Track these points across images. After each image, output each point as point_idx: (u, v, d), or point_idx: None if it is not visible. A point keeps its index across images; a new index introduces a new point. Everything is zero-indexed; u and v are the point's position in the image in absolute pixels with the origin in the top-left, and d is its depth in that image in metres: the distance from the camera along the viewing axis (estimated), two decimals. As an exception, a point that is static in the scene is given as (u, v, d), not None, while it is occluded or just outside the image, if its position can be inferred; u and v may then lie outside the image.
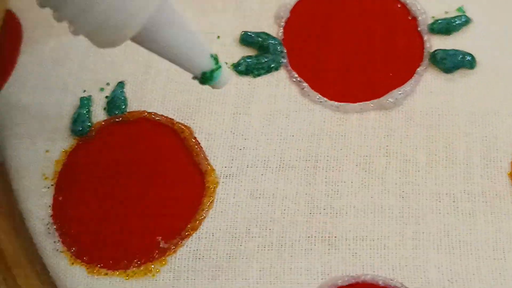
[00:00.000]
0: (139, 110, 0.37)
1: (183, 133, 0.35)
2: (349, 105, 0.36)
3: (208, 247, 0.33)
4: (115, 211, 0.34)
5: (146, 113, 0.36)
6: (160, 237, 0.33)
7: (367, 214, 0.33)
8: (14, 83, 0.38)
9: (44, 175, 0.35)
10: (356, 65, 0.37)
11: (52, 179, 0.35)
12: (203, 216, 0.33)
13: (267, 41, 0.38)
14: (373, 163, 0.34)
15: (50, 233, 0.34)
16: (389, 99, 0.36)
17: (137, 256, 0.33)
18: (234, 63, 0.38)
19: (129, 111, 0.37)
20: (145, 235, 0.33)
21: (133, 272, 0.32)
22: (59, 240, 0.34)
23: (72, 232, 0.34)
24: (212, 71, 0.29)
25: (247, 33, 0.38)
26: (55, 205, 0.34)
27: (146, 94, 0.37)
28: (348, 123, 0.35)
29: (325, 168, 0.34)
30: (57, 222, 0.34)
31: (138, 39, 0.27)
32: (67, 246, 0.33)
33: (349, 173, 0.34)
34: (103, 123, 0.37)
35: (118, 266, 0.33)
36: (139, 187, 0.34)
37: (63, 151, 0.36)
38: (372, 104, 0.36)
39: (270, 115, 0.36)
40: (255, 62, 0.37)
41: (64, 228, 0.34)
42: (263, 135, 0.35)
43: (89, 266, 0.33)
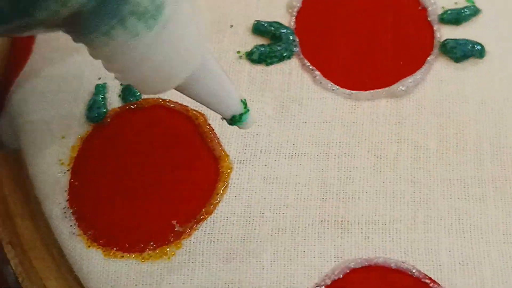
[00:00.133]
0: (153, 97, 0.37)
1: (197, 120, 0.36)
2: (361, 93, 0.36)
3: (222, 230, 0.33)
4: (130, 195, 0.34)
5: (161, 100, 0.37)
6: (175, 221, 0.33)
7: (379, 199, 0.33)
8: (30, 70, 0.39)
9: (60, 160, 0.36)
10: (368, 54, 0.37)
11: (68, 165, 0.36)
12: (217, 201, 0.34)
13: (279, 30, 0.38)
14: (384, 149, 0.35)
15: (66, 217, 0.34)
16: (400, 87, 0.36)
17: (152, 239, 0.33)
18: (247, 51, 0.38)
19: (144, 98, 0.37)
20: (161, 219, 0.34)
21: (148, 255, 0.33)
22: (75, 224, 0.34)
23: (88, 216, 0.34)
24: (241, 115, 0.31)
25: (260, 22, 0.39)
26: (71, 189, 0.35)
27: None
28: (360, 110, 0.36)
29: (337, 154, 0.35)
30: (74, 206, 0.34)
31: (178, 88, 0.29)
32: (84, 229, 0.34)
33: (361, 159, 0.34)
34: (118, 109, 0.37)
35: (134, 249, 0.33)
36: (154, 172, 0.35)
37: (79, 137, 0.36)
38: (383, 92, 0.36)
39: (283, 102, 0.36)
40: (268, 51, 0.38)
41: (80, 212, 0.34)
42: (276, 122, 0.36)
43: (105, 249, 0.33)
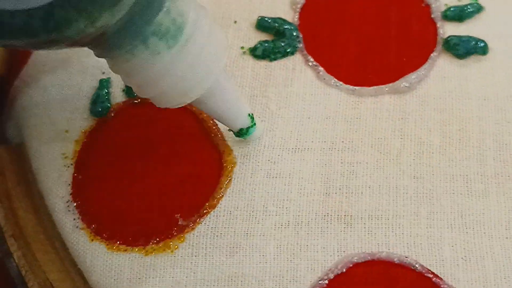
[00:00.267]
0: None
1: (201, 115, 0.36)
2: (364, 89, 0.36)
3: (226, 224, 0.33)
4: (134, 189, 0.34)
5: (165, 95, 0.37)
6: (179, 215, 0.33)
7: (382, 194, 0.33)
8: (33, 64, 0.39)
9: (64, 154, 0.36)
10: (371, 50, 0.38)
11: (72, 158, 0.36)
12: (221, 195, 0.34)
13: (283, 26, 0.38)
14: (387, 145, 0.35)
15: (69, 210, 0.34)
16: (403, 83, 0.36)
17: (156, 233, 0.33)
18: (250, 47, 0.38)
19: (147, 92, 0.37)
20: (164, 212, 0.34)
21: (152, 248, 0.33)
22: (78, 217, 0.34)
23: (92, 209, 0.34)
24: (248, 128, 0.33)
25: (264, 18, 0.39)
26: (74, 183, 0.35)
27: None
28: (363, 106, 0.36)
29: (340, 149, 0.35)
30: (77, 200, 0.34)
31: (191, 102, 0.30)
32: (87, 223, 0.34)
33: (364, 154, 0.35)
34: (122, 104, 0.37)
35: (137, 243, 0.33)
36: (157, 166, 0.35)
37: (83, 131, 0.36)
38: (386, 88, 0.36)
39: (287, 97, 0.37)
40: (272, 47, 0.38)
41: (84, 205, 0.34)
42: (279, 117, 0.36)
43: (109, 242, 0.33)
